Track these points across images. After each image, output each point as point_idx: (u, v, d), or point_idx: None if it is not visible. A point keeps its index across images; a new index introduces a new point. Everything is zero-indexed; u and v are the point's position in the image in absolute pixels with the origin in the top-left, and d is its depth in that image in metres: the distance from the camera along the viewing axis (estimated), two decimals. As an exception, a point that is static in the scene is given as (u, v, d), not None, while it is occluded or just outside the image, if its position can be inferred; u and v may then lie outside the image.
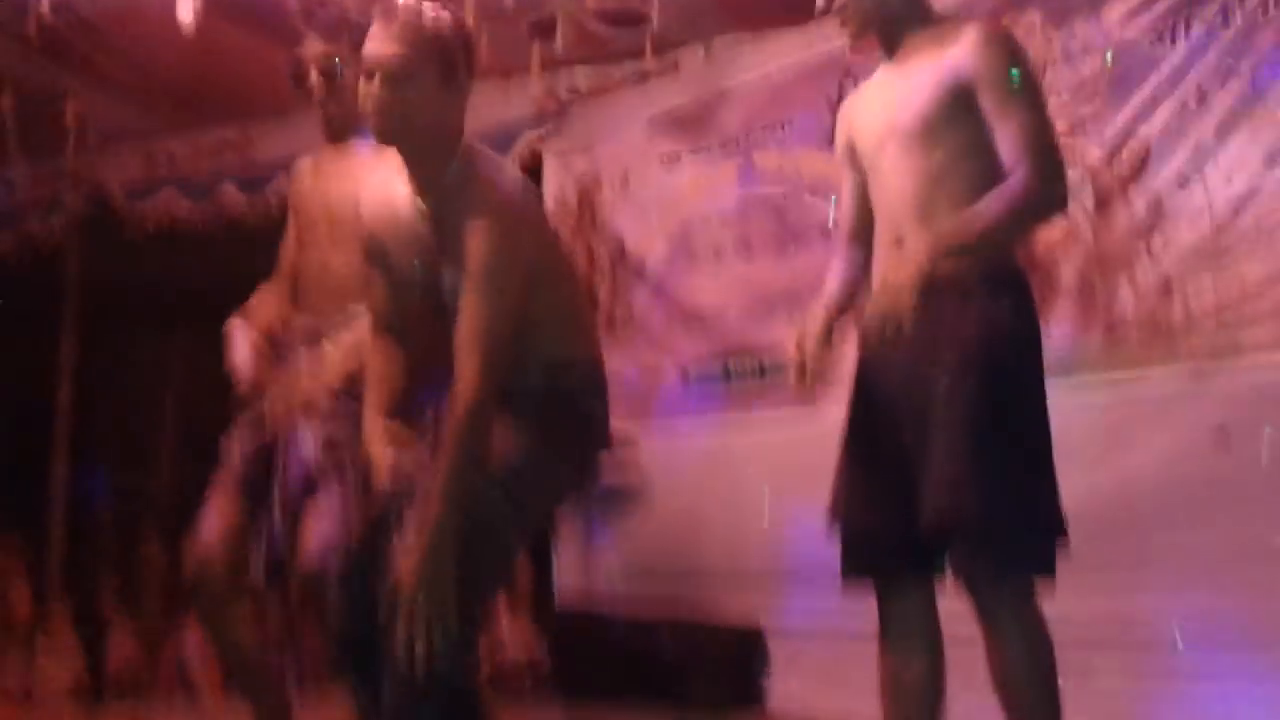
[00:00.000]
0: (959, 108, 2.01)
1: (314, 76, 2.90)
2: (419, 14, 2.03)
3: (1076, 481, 2.93)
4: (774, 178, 4.36)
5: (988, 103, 1.99)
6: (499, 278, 1.99)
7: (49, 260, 6.21)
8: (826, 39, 4.15)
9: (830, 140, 4.05)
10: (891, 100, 2.11)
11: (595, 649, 3.99)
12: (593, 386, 2.19)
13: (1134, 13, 3.34)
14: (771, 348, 4.21)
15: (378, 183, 2.24)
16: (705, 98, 4.55)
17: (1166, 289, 3.18)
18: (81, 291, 6.29)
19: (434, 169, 2.06)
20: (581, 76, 4.91)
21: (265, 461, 2.79)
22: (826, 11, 2.19)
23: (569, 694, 4.11)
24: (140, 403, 7.64)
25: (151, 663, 4.81)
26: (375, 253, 2.23)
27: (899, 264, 1.94)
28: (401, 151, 2.08)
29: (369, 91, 2.02)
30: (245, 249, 6.34)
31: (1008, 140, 1.98)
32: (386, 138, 2.05)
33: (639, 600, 4.14)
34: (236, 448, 2.85)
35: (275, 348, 2.90)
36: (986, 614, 1.96)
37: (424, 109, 2.02)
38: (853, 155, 2.23)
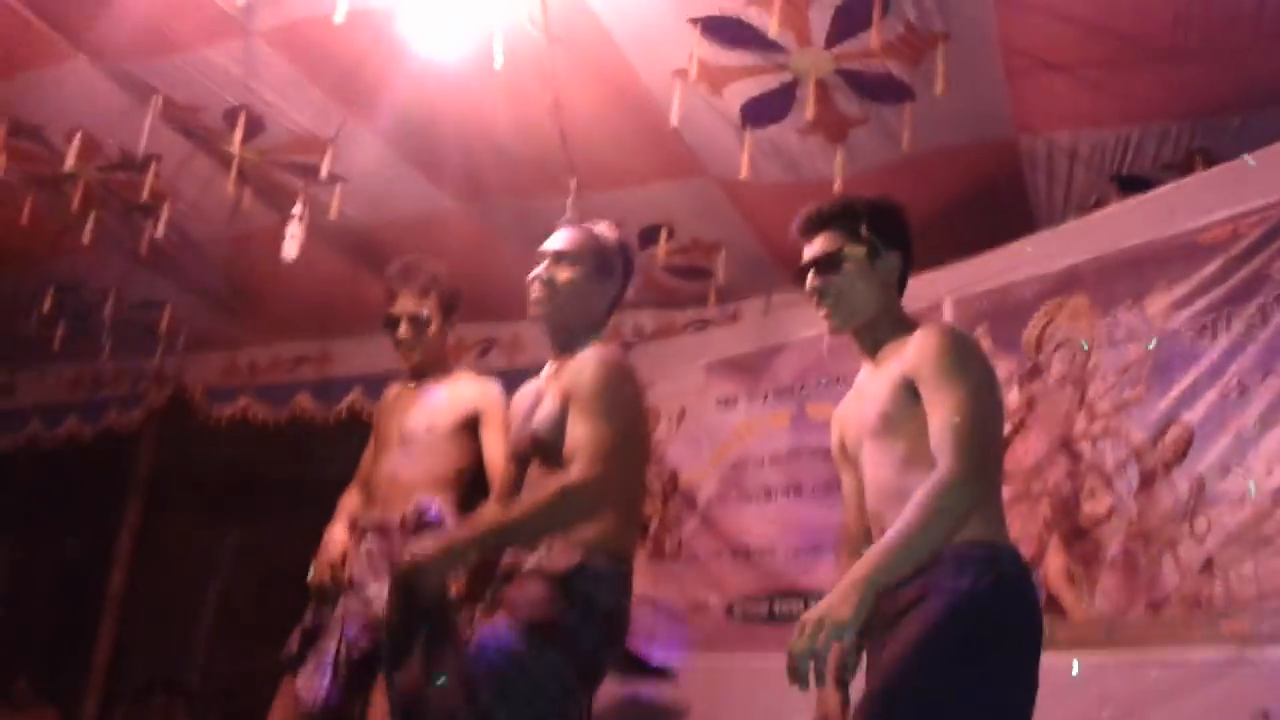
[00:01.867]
0: (909, 400, 2.12)
1: (404, 328, 3.26)
2: (589, 229, 2.63)
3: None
4: (825, 427, 4.53)
5: (924, 394, 2.10)
6: (607, 400, 2.36)
7: (122, 451, 6.47)
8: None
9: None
10: (865, 399, 2.27)
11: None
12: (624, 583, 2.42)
13: (1176, 306, 3.51)
14: (818, 590, 4.31)
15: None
16: (762, 348, 4.80)
17: (1209, 569, 3.25)
18: (147, 482, 6.52)
19: (571, 342, 2.52)
20: (647, 319, 5.22)
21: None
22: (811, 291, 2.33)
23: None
24: (186, 592, 7.75)
25: None
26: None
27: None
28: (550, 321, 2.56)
29: (538, 274, 2.54)
30: (306, 446, 6.65)
31: (933, 431, 2.05)
32: (540, 308, 2.55)
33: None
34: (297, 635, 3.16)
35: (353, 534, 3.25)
36: None
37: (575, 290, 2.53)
38: (844, 455, 2.37)
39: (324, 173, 4.33)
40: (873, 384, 2.26)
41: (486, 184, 4.61)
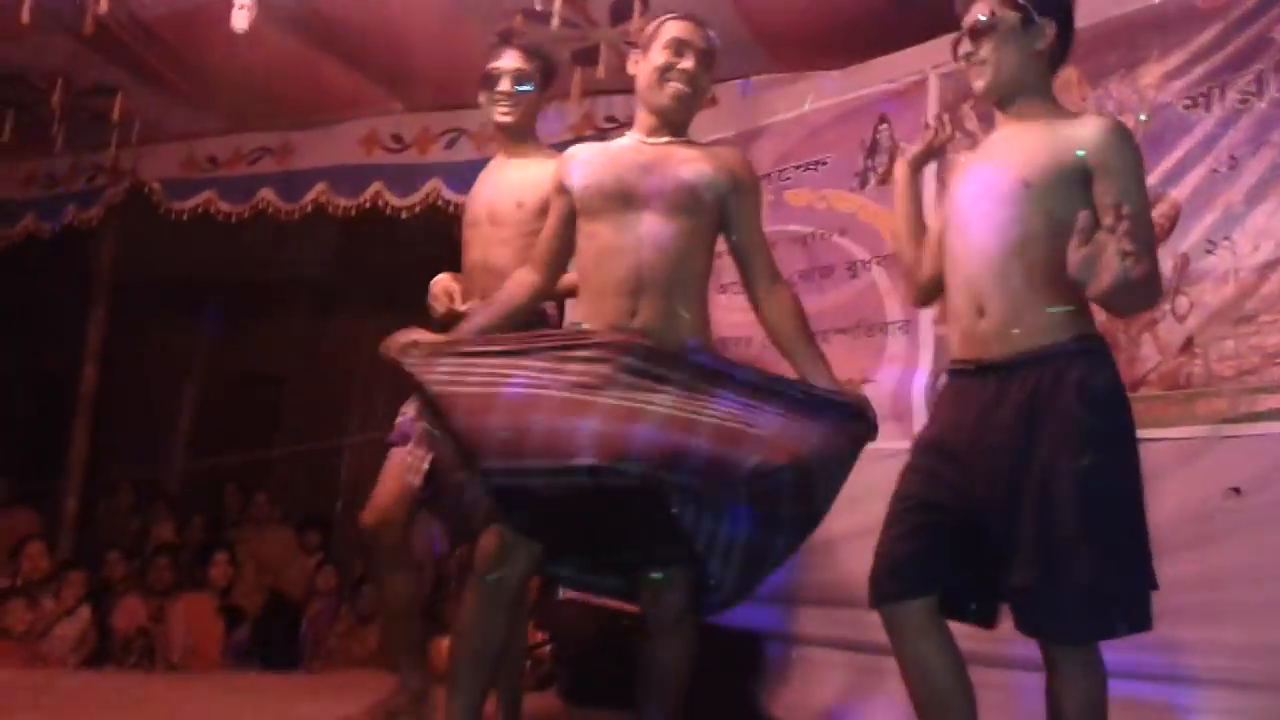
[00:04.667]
0: (1068, 183, 2.15)
1: (505, 83, 3.11)
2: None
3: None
4: (804, 216, 4.41)
5: (1102, 189, 2.12)
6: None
7: (82, 246, 6.32)
8: (862, 85, 4.25)
9: (862, 182, 4.20)
10: (998, 160, 2.28)
11: (596, 645, 4.02)
12: None
13: (1170, 76, 3.36)
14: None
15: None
16: (741, 132, 4.62)
17: (1189, 348, 3.20)
18: (111, 281, 6.39)
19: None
20: (619, 104, 5.00)
21: None
22: (963, 57, 2.36)
23: (569, 689, 4.14)
24: (161, 392, 7.75)
25: (155, 632, 4.90)
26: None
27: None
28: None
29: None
30: (273, 243, 6.52)
31: (1113, 218, 2.00)
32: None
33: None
34: (410, 409, 3.04)
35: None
36: (1059, 659, 2.12)
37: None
38: (945, 198, 2.45)
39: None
40: (1019, 146, 2.26)
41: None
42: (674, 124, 2.63)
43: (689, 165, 2.55)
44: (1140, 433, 3.18)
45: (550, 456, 2.22)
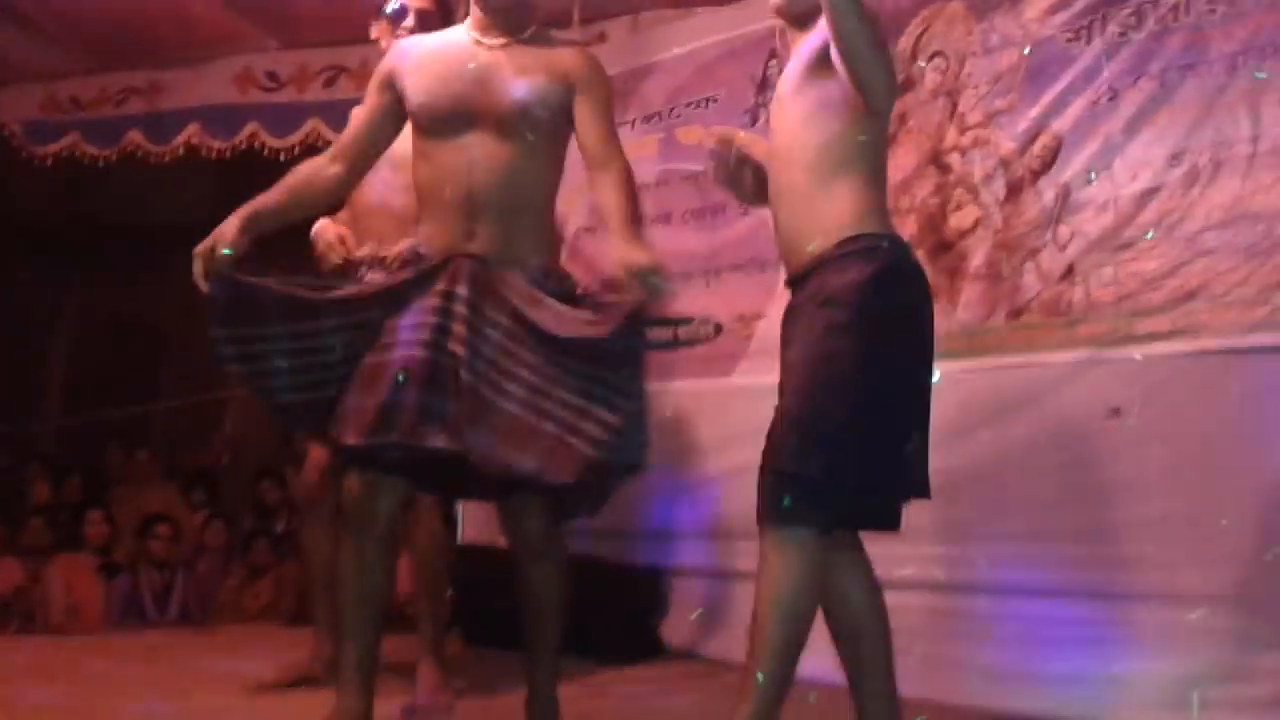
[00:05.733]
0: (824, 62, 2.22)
1: (410, 20, 3.02)
2: None
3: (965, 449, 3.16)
4: (696, 154, 4.40)
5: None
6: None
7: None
8: (752, 20, 4.23)
9: (753, 119, 4.19)
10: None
11: (496, 586, 4.00)
12: None
13: (1052, 10, 3.42)
14: (685, 315, 4.27)
15: None
16: (630, 70, 4.57)
17: (1069, 276, 3.29)
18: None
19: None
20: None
21: None
22: None
23: (469, 630, 4.13)
24: (32, 349, 7.41)
25: (34, 593, 4.73)
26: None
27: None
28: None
29: None
30: (143, 189, 6.23)
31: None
32: None
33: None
34: None
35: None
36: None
37: None
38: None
39: None
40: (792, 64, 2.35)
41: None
42: (510, 21, 2.48)
43: (524, 80, 2.41)
44: (1023, 357, 3.36)
45: (406, 436, 2.22)
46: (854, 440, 2.08)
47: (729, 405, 3.93)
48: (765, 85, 4.16)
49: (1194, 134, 3.07)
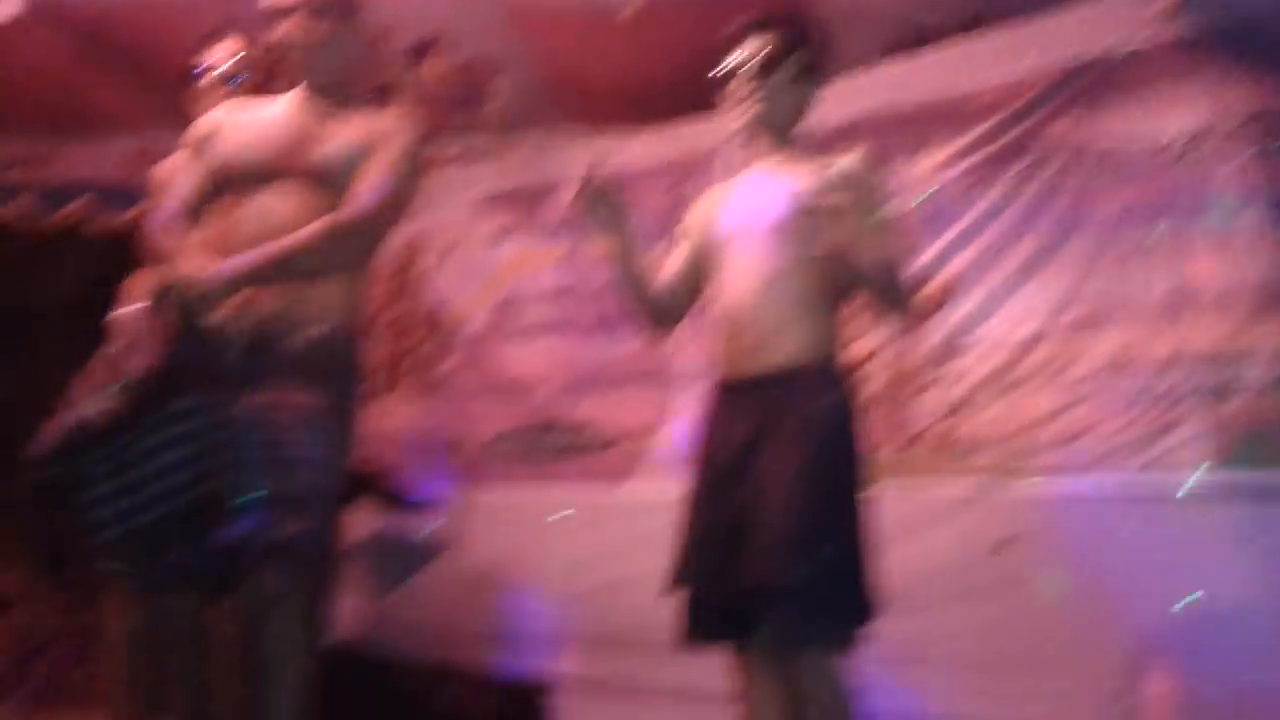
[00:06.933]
0: (810, 223, 2.30)
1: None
2: None
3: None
4: (598, 265, 4.48)
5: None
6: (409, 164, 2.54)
7: None
8: (665, 143, 4.37)
9: (654, 238, 4.30)
10: (758, 200, 2.47)
11: (370, 691, 3.91)
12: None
13: (943, 166, 3.65)
14: (585, 423, 4.33)
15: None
16: (537, 184, 4.65)
17: (957, 413, 3.46)
18: None
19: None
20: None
21: None
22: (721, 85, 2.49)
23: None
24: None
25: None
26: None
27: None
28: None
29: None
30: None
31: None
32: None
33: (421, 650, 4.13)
34: None
35: None
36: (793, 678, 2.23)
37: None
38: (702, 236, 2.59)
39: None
40: (769, 189, 2.44)
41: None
42: (320, 86, 2.56)
43: (334, 142, 2.48)
44: (910, 488, 3.49)
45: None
46: (860, 563, 2.25)
47: (615, 518, 3.97)
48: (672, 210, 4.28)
49: (1081, 285, 3.30)
